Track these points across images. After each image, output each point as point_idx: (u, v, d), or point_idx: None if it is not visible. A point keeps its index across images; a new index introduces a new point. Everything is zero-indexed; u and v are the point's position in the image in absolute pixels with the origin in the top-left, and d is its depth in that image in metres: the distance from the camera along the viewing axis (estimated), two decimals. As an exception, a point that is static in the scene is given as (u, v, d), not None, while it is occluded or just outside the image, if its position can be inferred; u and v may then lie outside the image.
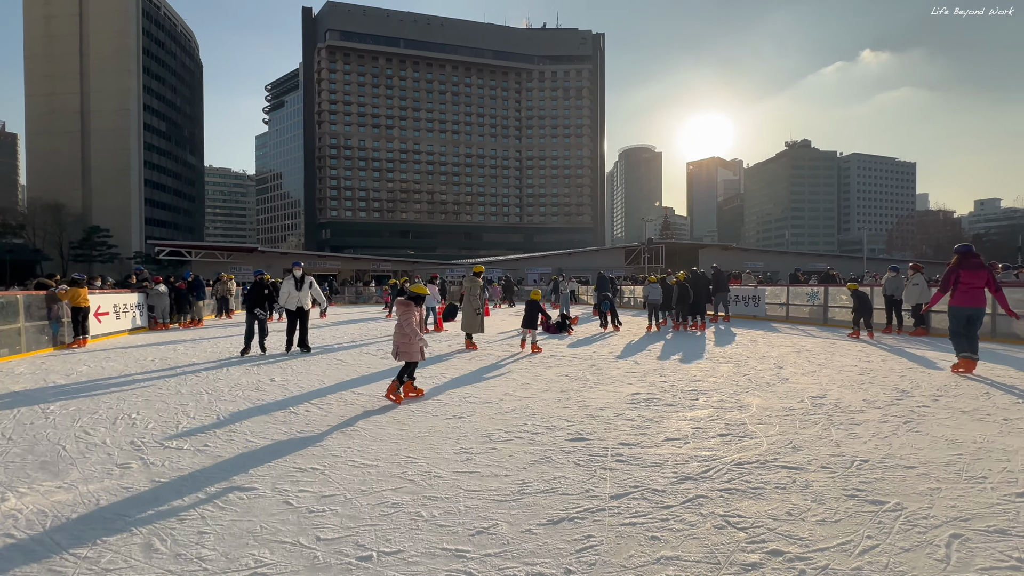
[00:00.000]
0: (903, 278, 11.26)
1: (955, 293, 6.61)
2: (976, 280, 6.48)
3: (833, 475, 3.24)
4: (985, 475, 3.21)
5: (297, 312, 9.17)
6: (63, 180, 74.35)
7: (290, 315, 9.22)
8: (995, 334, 9.72)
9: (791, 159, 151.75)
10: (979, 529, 2.51)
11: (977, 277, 6.49)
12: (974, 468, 3.33)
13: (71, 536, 2.55)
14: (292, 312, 9.18)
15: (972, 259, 6.60)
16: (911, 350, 8.73)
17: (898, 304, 11.36)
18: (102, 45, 76.19)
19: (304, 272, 9.35)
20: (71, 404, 5.40)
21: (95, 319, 11.39)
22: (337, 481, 3.25)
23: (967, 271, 6.52)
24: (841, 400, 5.23)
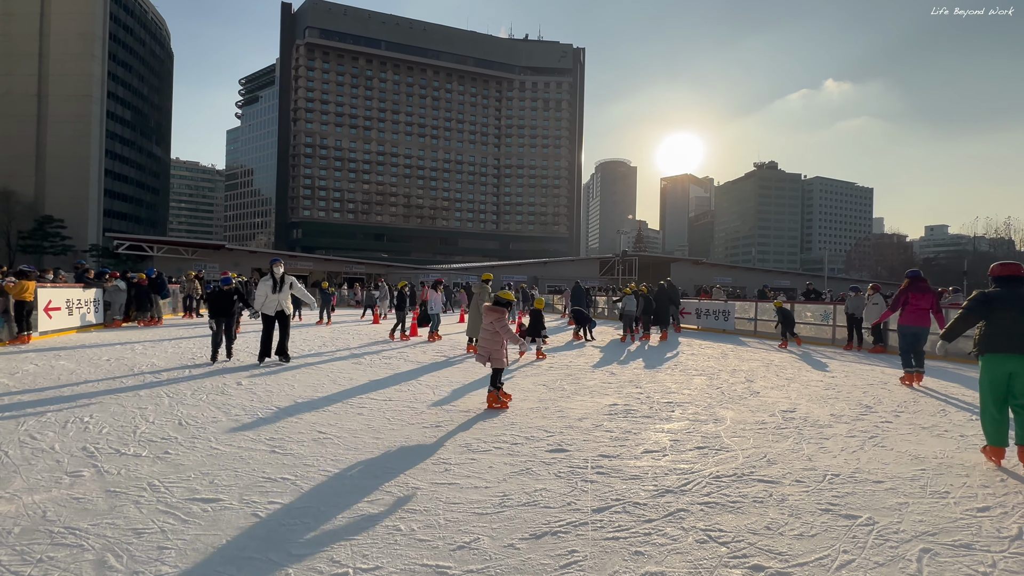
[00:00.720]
0: (864, 297, 11.77)
1: (904, 313, 7.35)
2: (923, 302, 7.24)
3: (807, 489, 3.31)
4: (947, 490, 3.34)
5: (277, 317, 7.93)
6: (14, 166, 70.03)
7: (267, 320, 7.89)
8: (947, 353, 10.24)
9: (759, 179, 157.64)
10: (946, 544, 2.60)
11: (924, 299, 7.24)
12: (937, 483, 3.46)
13: (13, 552, 2.34)
14: (270, 317, 7.89)
15: (920, 283, 7.35)
16: (871, 367, 9.10)
17: (859, 322, 11.85)
18: (65, 27, 72.62)
19: (285, 271, 8.10)
20: (16, 407, 5.03)
21: (45, 314, 10.71)
22: (309, 493, 3.11)
23: (915, 294, 7.26)
24: (810, 414, 5.38)
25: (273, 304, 7.88)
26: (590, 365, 8.73)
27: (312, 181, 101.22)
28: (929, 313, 7.22)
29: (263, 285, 7.92)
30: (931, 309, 7.20)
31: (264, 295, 7.88)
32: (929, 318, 7.24)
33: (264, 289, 7.90)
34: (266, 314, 7.91)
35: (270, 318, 7.93)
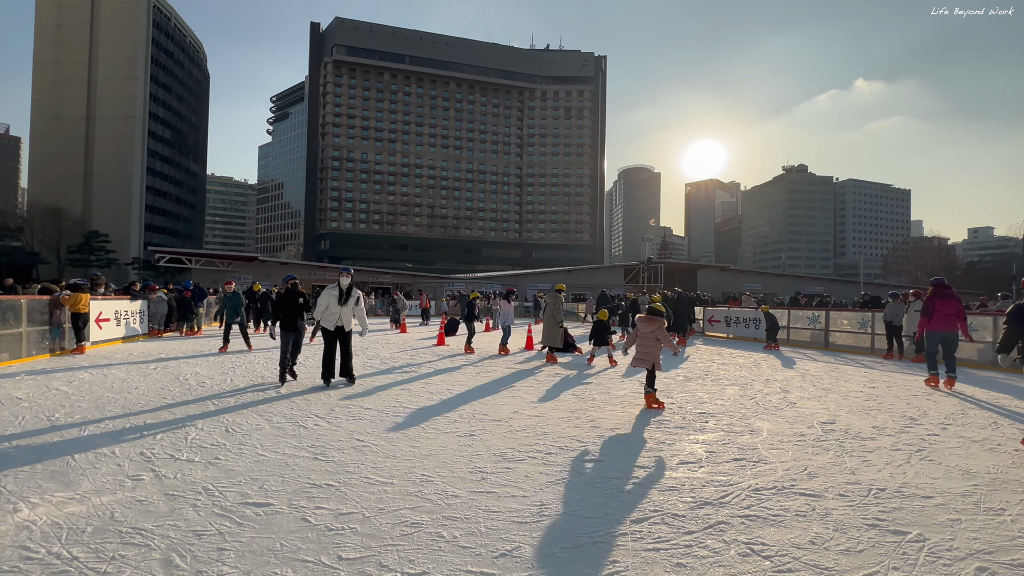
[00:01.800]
0: (903, 304, 11.35)
1: (931, 319, 7.70)
2: (948, 308, 7.58)
3: (852, 503, 3.23)
4: (1003, 507, 3.21)
5: (337, 333, 7.08)
6: (65, 184, 74.43)
7: (328, 336, 7.10)
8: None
9: (788, 183, 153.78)
10: (1004, 563, 2.51)
11: (949, 306, 7.57)
12: (991, 499, 3.33)
13: (88, 550, 2.51)
14: (331, 333, 7.08)
15: (944, 290, 7.73)
16: (914, 377, 8.75)
17: (898, 330, 11.42)
18: (111, 53, 77.10)
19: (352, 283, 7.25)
20: (76, 413, 5.34)
21: (96, 325, 11.32)
22: (354, 498, 3.22)
23: (941, 301, 7.61)
24: (851, 426, 5.23)
25: (334, 318, 7.04)
26: (618, 375, 8.68)
27: (339, 193, 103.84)
28: (955, 318, 7.54)
29: (327, 294, 7.09)
30: (956, 315, 7.54)
31: (326, 306, 7.03)
32: (955, 323, 7.54)
33: (328, 299, 7.04)
34: (325, 328, 7.10)
35: (330, 333, 7.09)
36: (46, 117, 76.59)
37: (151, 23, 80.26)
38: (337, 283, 7.13)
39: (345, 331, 7.16)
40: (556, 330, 10.05)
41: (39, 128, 77.16)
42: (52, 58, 76.68)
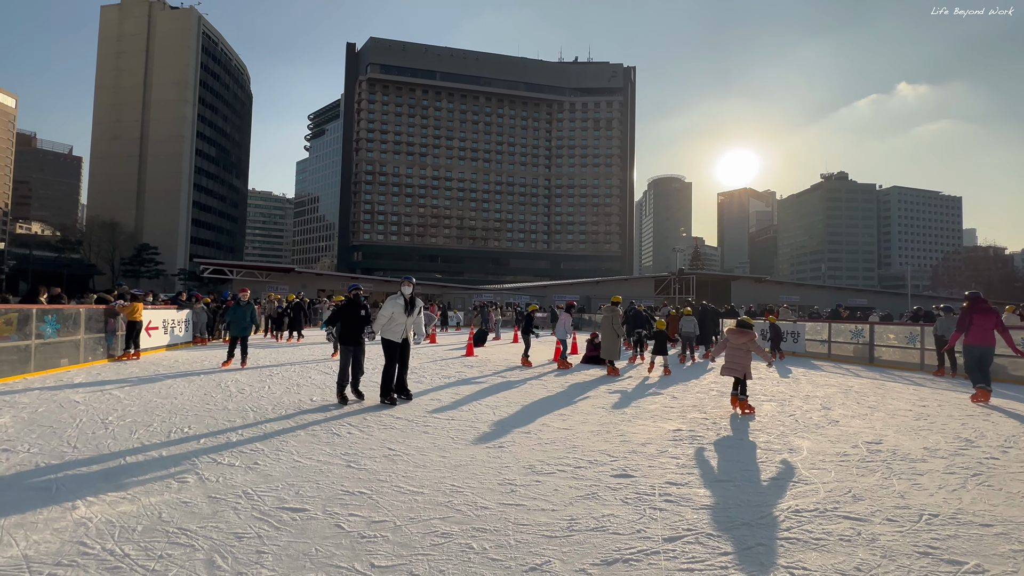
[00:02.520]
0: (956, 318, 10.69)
1: (969, 333, 7.68)
2: (987, 322, 7.56)
3: (901, 529, 3.06)
4: (1073, 539, 2.97)
5: (402, 345, 6.72)
6: (120, 200, 79.51)
7: (391, 348, 6.64)
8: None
9: (827, 191, 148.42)
10: (1075, 599, 2.32)
11: (987, 319, 7.56)
12: (1059, 530, 3.09)
13: (139, 548, 2.65)
14: (394, 345, 6.65)
15: (982, 304, 7.75)
16: (968, 395, 8.22)
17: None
18: (164, 77, 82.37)
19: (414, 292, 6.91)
20: (128, 416, 5.64)
21: (146, 333, 11.94)
22: (385, 507, 3.27)
23: (979, 315, 7.62)
24: (899, 447, 4.96)
25: (400, 329, 6.66)
26: (649, 388, 8.52)
27: (372, 206, 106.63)
28: (993, 332, 7.54)
29: (391, 304, 6.68)
30: (996, 328, 7.53)
31: (389, 316, 6.64)
32: (993, 337, 7.54)
33: (392, 309, 6.65)
34: (390, 340, 6.64)
35: (394, 345, 6.64)
36: (105, 138, 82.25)
37: (200, 48, 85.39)
38: (400, 292, 6.79)
39: (408, 343, 6.84)
40: (616, 342, 10.20)
41: (99, 148, 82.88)
42: (112, 83, 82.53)
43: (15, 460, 4.03)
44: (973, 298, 7.87)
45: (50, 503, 3.20)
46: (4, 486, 3.48)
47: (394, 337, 6.66)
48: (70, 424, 5.22)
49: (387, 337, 6.66)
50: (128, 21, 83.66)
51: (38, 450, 4.31)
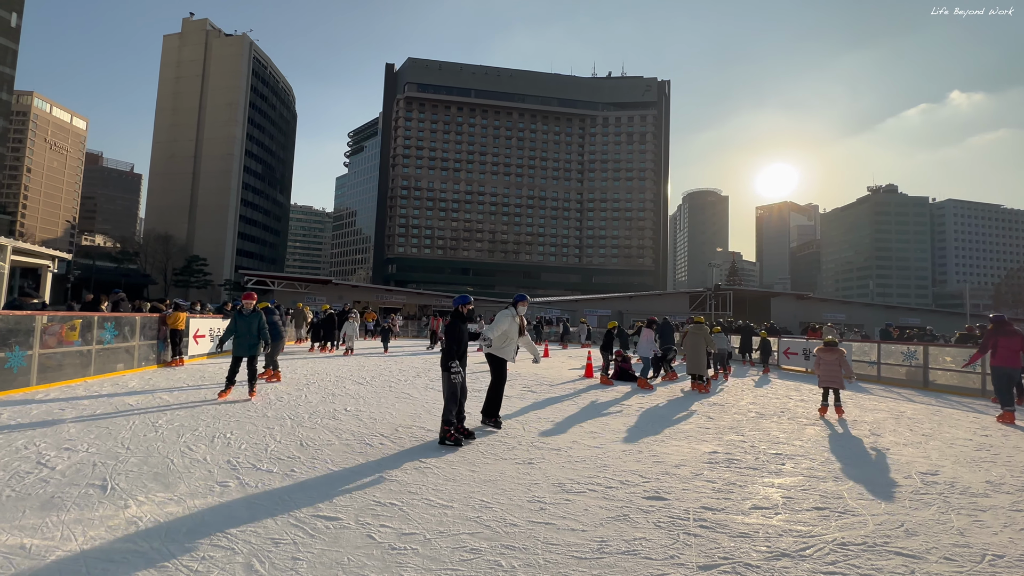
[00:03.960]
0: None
1: (996, 355, 7.93)
2: (1013, 344, 7.81)
3: (960, 570, 2.85)
4: None
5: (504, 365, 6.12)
6: (174, 214, 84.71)
7: (501, 367, 6.08)
8: None
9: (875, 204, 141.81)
10: None
11: (1013, 342, 7.82)
12: None
13: (183, 549, 2.77)
14: (504, 363, 6.10)
15: (1007, 327, 8.03)
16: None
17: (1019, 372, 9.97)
18: (217, 99, 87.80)
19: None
20: (175, 420, 5.94)
21: (193, 340, 12.57)
22: (416, 519, 3.30)
23: (1004, 337, 7.88)
24: (958, 479, 4.62)
25: (514, 348, 6.14)
26: (683, 407, 8.28)
27: (406, 220, 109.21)
28: (1020, 354, 7.82)
29: (506, 320, 6.06)
30: (1021, 350, 7.83)
31: (504, 332, 6.02)
32: (1019, 359, 7.84)
33: (508, 325, 6.04)
34: (502, 359, 6.06)
35: (504, 364, 6.09)
36: (163, 156, 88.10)
37: (251, 72, 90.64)
38: (513, 308, 6.19)
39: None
40: (703, 359, 10.32)
41: (157, 166, 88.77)
42: (171, 106, 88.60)
43: (76, 459, 4.30)
44: (998, 321, 8.20)
45: (105, 501, 3.40)
46: (68, 483, 3.72)
47: (507, 356, 6.08)
48: (124, 426, 5.53)
49: (500, 355, 6.07)
50: (187, 48, 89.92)
51: (96, 450, 4.58)
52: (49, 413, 6.01)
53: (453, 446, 5.16)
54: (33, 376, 7.57)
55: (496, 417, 6.12)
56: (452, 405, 5.29)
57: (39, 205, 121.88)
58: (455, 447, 5.13)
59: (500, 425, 6.09)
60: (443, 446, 5.18)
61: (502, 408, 6.56)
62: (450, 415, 5.28)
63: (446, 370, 5.32)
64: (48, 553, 2.66)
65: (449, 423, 5.28)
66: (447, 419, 5.30)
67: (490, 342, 5.98)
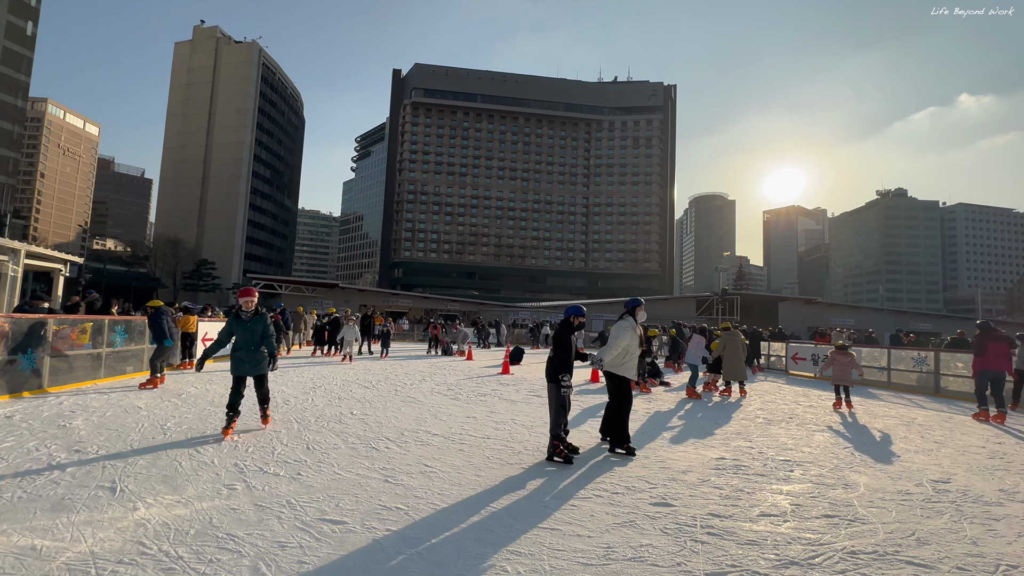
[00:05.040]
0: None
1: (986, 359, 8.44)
2: (1000, 349, 8.40)
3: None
4: None
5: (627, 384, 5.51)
6: (184, 219, 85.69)
7: (625, 387, 5.48)
8: None
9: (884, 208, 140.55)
10: None
11: (1000, 347, 8.40)
12: None
13: (191, 551, 2.79)
14: (625, 382, 5.50)
15: (995, 332, 8.52)
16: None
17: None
18: (227, 105, 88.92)
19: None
20: (184, 423, 5.98)
21: (202, 344, 12.67)
22: (421, 524, 3.30)
23: (993, 342, 8.38)
24: (971, 488, 4.55)
25: (635, 364, 5.53)
26: (689, 413, 8.22)
27: (413, 224, 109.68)
28: (1005, 358, 8.40)
29: (627, 332, 5.46)
30: (1006, 355, 8.40)
31: (624, 348, 5.43)
32: (1007, 363, 8.43)
33: (628, 339, 5.43)
34: (626, 377, 5.48)
35: (626, 383, 5.49)
36: (173, 161, 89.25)
37: (260, 78, 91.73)
38: (631, 317, 5.60)
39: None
40: (742, 365, 10.34)
41: (167, 171, 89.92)
42: (181, 112, 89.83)
43: (86, 460, 4.35)
44: (985, 327, 8.69)
45: (114, 503, 3.43)
46: (78, 484, 3.75)
47: (629, 373, 5.45)
48: (133, 428, 5.58)
49: (620, 373, 5.44)
50: (197, 55, 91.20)
51: (105, 452, 4.63)
52: (60, 415, 6.08)
53: (563, 463, 4.84)
54: (45, 378, 7.66)
55: (627, 443, 5.37)
56: (562, 419, 4.97)
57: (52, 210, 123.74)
58: (565, 464, 4.83)
59: (634, 452, 5.33)
60: (551, 463, 4.85)
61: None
62: (559, 430, 4.97)
63: (555, 382, 4.98)
64: (58, 554, 2.69)
65: (559, 438, 4.96)
66: (557, 434, 4.95)
67: (600, 362, 5.45)
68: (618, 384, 5.49)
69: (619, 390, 5.48)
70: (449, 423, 6.60)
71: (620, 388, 5.48)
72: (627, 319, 5.59)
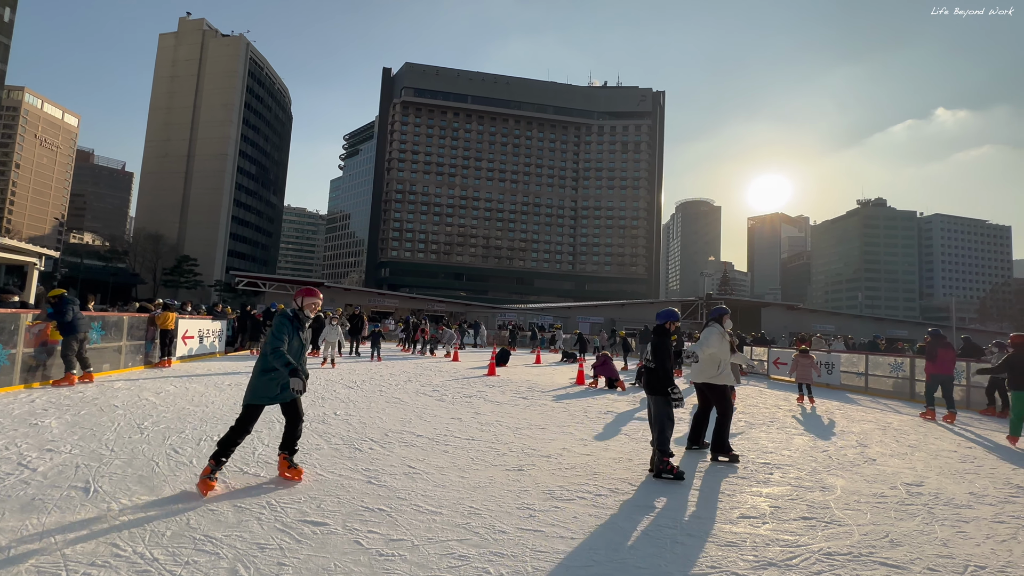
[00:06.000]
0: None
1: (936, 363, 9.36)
2: (948, 355, 9.35)
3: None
4: None
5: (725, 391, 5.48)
6: (165, 214, 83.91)
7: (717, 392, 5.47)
8: None
9: (864, 217, 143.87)
10: None
11: (948, 353, 9.32)
12: (1124, 592, 2.85)
13: (167, 552, 2.73)
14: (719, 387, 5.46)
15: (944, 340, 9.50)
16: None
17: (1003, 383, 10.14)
18: (212, 99, 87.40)
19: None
20: (162, 422, 5.86)
21: (182, 341, 12.42)
22: (404, 525, 3.28)
23: (942, 349, 9.30)
24: (942, 491, 4.68)
25: (728, 370, 5.49)
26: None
27: (400, 224, 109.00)
28: (951, 363, 9.35)
29: (713, 337, 5.42)
30: (952, 360, 9.36)
31: (711, 355, 5.41)
32: (953, 367, 9.41)
33: (716, 345, 5.42)
34: (723, 385, 5.42)
35: (723, 390, 5.44)
36: (155, 155, 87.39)
37: (247, 73, 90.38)
38: (718, 324, 5.55)
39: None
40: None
41: (149, 164, 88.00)
42: (165, 105, 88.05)
43: (59, 460, 4.23)
44: (935, 335, 9.62)
45: (88, 504, 3.34)
46: (49, 485, 3.65)
47: (727, 380, 5.38)
48: (109, 427, 5.45)
49: (721, 382, 5.37)
50: (183, 47, 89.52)
51: (79, 451, 4.51)
52: (32, 413, 5.91)
53: (673, 479, 4.57)
54: (16, 375, 7.44)
55: (729, 450, 5.33)
56: (670, 432, 4.73)
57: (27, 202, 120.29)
58: (676, 480, 4.56)
59: (737, 459, 5.31)
60: (660, 480, 4.58)
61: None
62: (668, 444, 4.70)
63: (663, 394, 4.69)
64: (28, 556, 2.61)
65: (669, 453, 4.70)
66: (666, 449, 4.67)
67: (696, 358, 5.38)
68: (717, 393, 5.46)
69: (719, 399, 5.43)
70: (434, 424, 6.57)
71: (720, 397, 5.43)
72: (714, 326, 5.57)
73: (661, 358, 4.75)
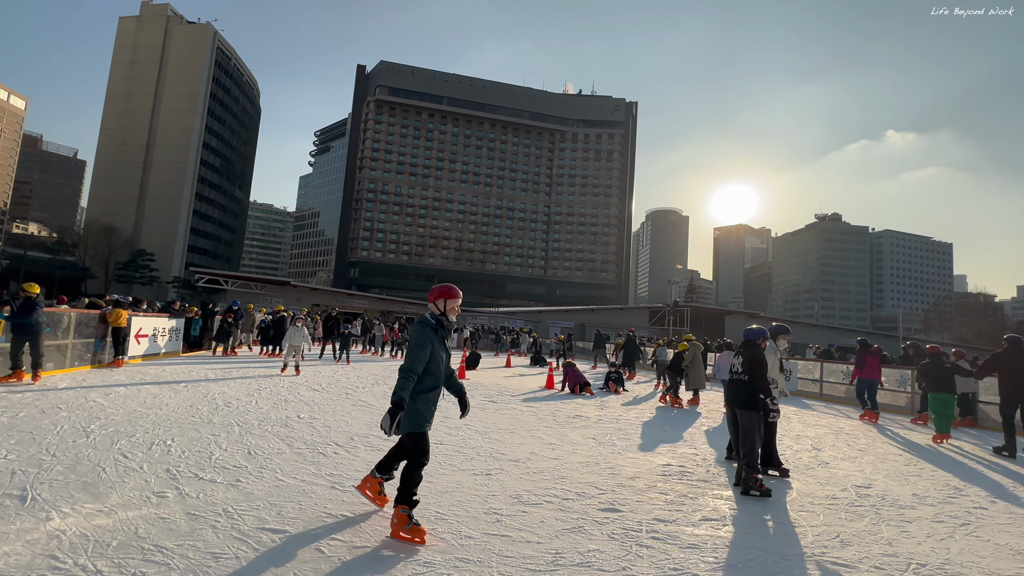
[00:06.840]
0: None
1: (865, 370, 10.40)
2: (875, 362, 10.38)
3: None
4: (1060, 595, 2.95)
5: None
6: (121, 205, 79.64)
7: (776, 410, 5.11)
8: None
9: (821, 231, 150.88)
10: (1062, 659, 2.29)
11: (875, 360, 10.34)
12: (1047, 586, 3.07)
13: (112, 564, 2.58)
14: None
15: (873, 348, 10.50)
16: (959, 442, 8.22)
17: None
18: (176, 89, 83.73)
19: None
20: (110, 425, 5.54)
21: (135, 340, 11.81)
22: (368, 531, 3.21)
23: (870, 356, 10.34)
24: (889, 492, 4.94)
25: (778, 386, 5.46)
26: (640, 420, 8.46)
27: (371, 224, 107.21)
28: (878, 370, 10.37)
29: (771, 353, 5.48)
30: (879, 368, 10.38)
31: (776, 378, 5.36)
32: (879, 373, 10.45)
33: (773, 361, 5.46)
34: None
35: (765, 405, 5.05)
36: (111, 143, 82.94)
37: (213, 63, 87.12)
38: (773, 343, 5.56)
39: None
40: (703, 373, 11.15)
41: (104, 153, 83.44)
42: (123, 91, 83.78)
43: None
44: (864, 344, 10.54)
45: (24, 513, 3.12)
46: (-22, 493, 3.39)
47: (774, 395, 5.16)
48: (51, 431, 5.11)
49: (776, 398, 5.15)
50: (144, 32, 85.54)
51: (16, 456, 4.21)
52: (-37, 415, 5.48)
53: (760, 496, 4.42)
54: (-54, 374, 6.89)
55: (779, 465, 5.32)
56: (760, 448, 4.61)
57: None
58: (763, 497, 4.42)
59: (787, 473, 5.28)
60: (747, 497, 4.44)
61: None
62: (757, 460, 4.56)
63: (756, 409, 4.63)
64: (-47, 571, 2.42)
65: (759, 469, 4.55)
66: (756, 465, 4.53)
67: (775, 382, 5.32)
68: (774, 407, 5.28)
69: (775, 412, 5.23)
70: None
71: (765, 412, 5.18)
72: (769, 342, 5.54)
73: (758, 372, 4.73)
